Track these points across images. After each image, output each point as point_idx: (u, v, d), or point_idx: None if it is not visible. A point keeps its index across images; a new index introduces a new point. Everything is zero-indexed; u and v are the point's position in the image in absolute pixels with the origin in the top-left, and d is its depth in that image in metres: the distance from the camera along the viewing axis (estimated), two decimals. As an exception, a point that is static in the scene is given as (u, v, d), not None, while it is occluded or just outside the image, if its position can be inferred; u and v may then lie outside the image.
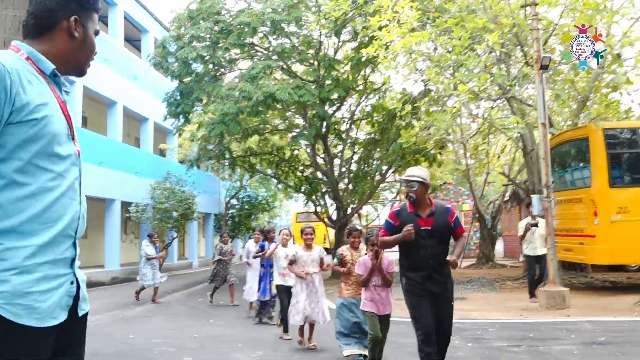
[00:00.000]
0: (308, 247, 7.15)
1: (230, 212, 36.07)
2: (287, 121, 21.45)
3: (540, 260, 10.67)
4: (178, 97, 18.31)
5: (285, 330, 7.91)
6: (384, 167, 18.92)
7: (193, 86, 17.56)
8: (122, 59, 23.19)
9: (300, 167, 22.19)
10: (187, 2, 17.75)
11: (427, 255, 4.65)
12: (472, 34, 11.70)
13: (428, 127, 12.56)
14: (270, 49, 18.39)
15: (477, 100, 13.40)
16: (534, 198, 11.00)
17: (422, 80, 15.35)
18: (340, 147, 21.21)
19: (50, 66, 1.76)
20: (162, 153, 28.12)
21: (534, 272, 10.90)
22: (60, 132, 1.72)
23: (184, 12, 17.59)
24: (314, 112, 17.75)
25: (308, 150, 21.73)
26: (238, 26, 16.44)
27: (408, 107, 12.50)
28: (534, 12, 10.75)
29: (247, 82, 15.69)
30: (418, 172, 4.87)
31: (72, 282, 1.74)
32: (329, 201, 22.39)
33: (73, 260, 1.75)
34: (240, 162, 21.64)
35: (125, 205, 22.04)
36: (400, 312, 6.82)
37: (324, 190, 21.41)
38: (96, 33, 1.90)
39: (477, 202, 23.02)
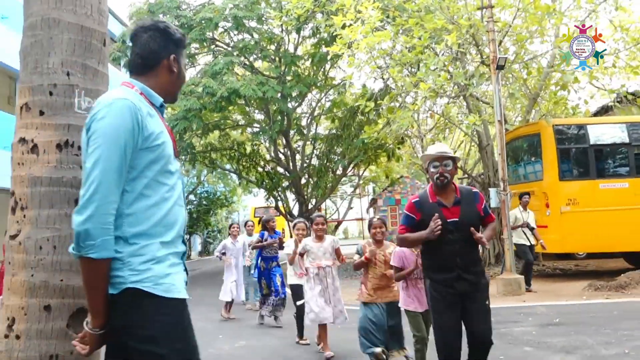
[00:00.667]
0: (319, 238, 6.42)
1: (188, 207, 35.86)
2: (247, 116, 21.60)
3: (528, 249, 10.95)
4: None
5: (301, 335, 7.26)
6: (346, 162, 19.30)
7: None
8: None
9: (262, 163, 22.37)
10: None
11: (455, 252, 3.90)
12: (431, 33, 12.14)
13: (390, 124, 12.96)
14: (232, 44, 18.51)
15: (437, 98, 13.88)
16: (492, 191, 11.51)
17: (383, 78, 15.77)
18: (301, 143, 21.49)
19: (159, 99, 2.16)
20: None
21: (532, 258, 11.10)
22: (171, 153, 2.09)
23: (143, 6, 17.51)
24: (275, 107, 17.96)
25: (267, 145, 21.97)
26: (200, 21, 16.51)
27: (371, 104, 12.87)
28: (490, 14, 11.26)
29: (210, 78, 15.79)
30: (447, 148, 4.09)
31: (184, 270, 2.15)
32: (289, 196, 22.68)
33: (184, 254, 2.15)
34: (201, 157, 21.66)
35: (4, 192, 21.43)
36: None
37: (285, 185, 21.67)
38: (184, 66, 2.25)
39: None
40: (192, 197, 35.93)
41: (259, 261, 8.82)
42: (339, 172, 20.66)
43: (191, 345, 2.02)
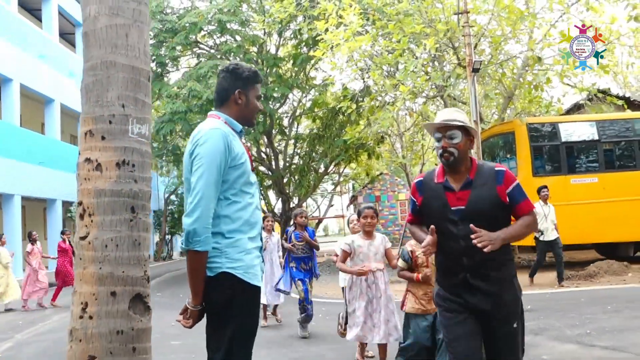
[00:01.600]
0: (368, 234, 5.26)
1: (169, 208, 36.06)
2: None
3: (553, 245, 10.63)
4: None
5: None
6: (328, 161, 19.89)
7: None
8: (58, 55, 23.01)
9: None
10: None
11: (459, 250, 2.92)
12: (410, 37, 12.75)
13: (371, 124, 13.56)
14: (215, 47, 18.97)
15: (415, 99, 14.52)
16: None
17: (363, 79, 16.37)
18: (283, 142, 22.05)
19: (239, 127, 2.72)
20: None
21: (543, 259, 11.02)
22: (250, 168, 2.68)
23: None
24: (258, 108, 18.48)
25: (249, 145, 22.48)
26: (184, 25, 16.94)
27: (352, 106, 13.45)
28: (466, 19, 11.90)
29: (195, 81, 16.24)
30: (457, 114, 3.05)
31: (262, 262, 2.75)
32: (271, 195, 23.22)
33: (260, 248, 2.71)
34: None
35: (66, 204, 22.01)
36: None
37: (268, 183, 22.19)
38: (258, 98, 2.80)
39: (413, 191, 24.34)
40: (173, 197, 36.18)
41: (289, 262, 7.60)
42: (321, 170, 21.24)
43: (256, 322, 2.65)
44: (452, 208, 2.94)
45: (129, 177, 2.83)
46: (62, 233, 13.60)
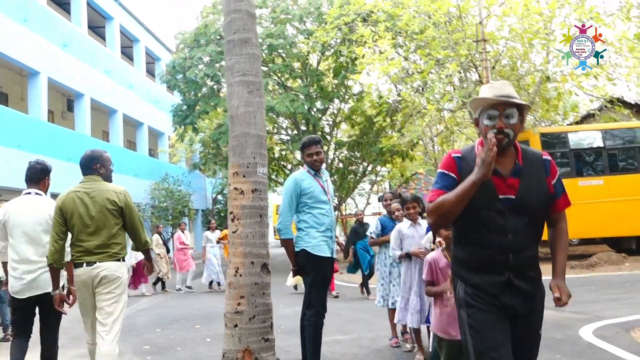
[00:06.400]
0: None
1: (216, 207, 38.50)
2: (276, 124, 24.39)
3: None
4: (184, 109, 21.09)
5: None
6: (365, 164, 22.04)
7: (198, 100, 20.38)
8: (121, 70, 25.69)
9: (289, 166, 25.15)
10: (193, 26, 20.54)
11: (506, 246, 2.58)
12: (436, 61, 14.77)
13: (404, 135, 15.65)
14: (264, 65, 21.24)
15: (441, 113, 16.52)
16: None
17: (398, 95, 18.45)
18: (325, 148, 24.23)
19: (312, 171, 4.98)
20: (151, 154, 30.59)
21: None
22: (320, 194, 4.88)
23: (190, 35, 20.29)
24: (301, 116, 20.63)
25: (292, 150, 24.75)
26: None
27: (387, 120, 15.57)
28: (483, 47, 13.85)
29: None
30: (510, 89, 2.65)
31: (331, 241, 4.94)
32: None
33: (331, 237, 4.96)
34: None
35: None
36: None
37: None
38: (310, 155, 4.97)
39: (445, 190, 26.19)
40: (219, 197, 38.71)
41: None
42: (359, 174, 23.40)
43: (323, 274, 4.90)
44: (500, 197, 2.58)
45: (258, 198, 5.06)
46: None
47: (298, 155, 24.27)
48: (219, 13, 20.39)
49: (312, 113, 20.70)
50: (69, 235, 4.28)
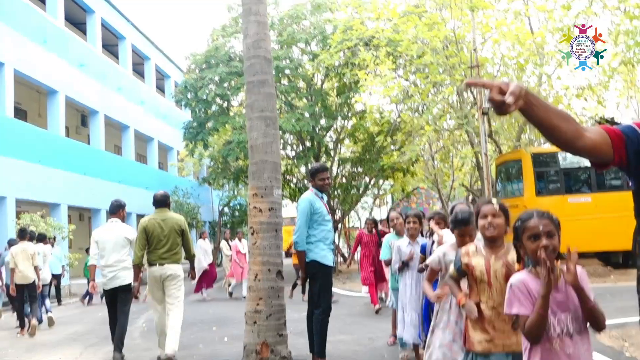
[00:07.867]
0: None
1: (223, 219, 39.31)
2: (282, 140, 25.40)
3: None
4: (194, 125, 22.15)
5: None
6: (367, 179, 23.02)
7: (209, 118, 21.45)
8: (132, 87, 26.79)
9: (294, 180, 26.09)
10: (205, 48, 21.64)
11: None
12: (434, 84, 15.77)
13: (403, 153, 16.62)
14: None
15: (438, 134, 17.50)
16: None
17: (398, 116, 19.46)
18: (328, 163, 25.20)
19: (320, 193, 5.91)
20: (160, 167, 31.53)
21: None
22: (325, 213, 5.82)
23: (201, 57, 21.38)
24: (306, 133, 21.58)
25: (297, 164, 25.77)
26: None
27: (388, 140, 16.54)
28: (477, 72, 14.83)
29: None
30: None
31: (333, 255, 6.01)
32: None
33: (332, 249, 5.88)
34: (243, 177, 25.46)
35: (139, 217, 25.59)
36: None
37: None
38: (322, 179, 5.91)
39: (444, 204, 27.09)
40: (226, 209, 39.54)
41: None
42: (361, 189, 24.36)
43: (330, 280, 5.82)
44: None
45: (274, 215, 6.01)
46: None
47: (302, 169, 25.31)
48: (229, 35, 21.52)
49: (317, 131, 21.66)
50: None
